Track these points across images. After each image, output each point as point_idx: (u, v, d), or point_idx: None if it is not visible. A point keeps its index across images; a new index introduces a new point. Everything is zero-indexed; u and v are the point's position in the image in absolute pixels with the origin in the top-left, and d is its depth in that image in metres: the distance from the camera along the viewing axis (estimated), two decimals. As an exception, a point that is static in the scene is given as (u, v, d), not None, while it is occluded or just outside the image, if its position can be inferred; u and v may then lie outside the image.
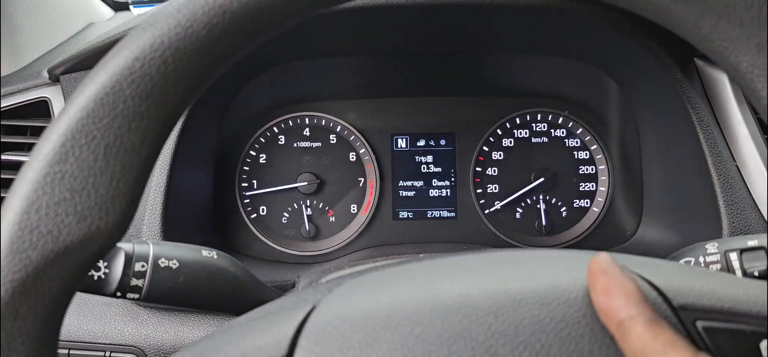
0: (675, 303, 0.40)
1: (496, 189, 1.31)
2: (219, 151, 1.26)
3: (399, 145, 1.33)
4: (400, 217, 1.32)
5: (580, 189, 1.31)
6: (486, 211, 1.31)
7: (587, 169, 1.31)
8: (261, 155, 1.31)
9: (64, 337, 0.90)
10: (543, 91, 1.31)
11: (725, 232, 0.93)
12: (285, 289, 0.98)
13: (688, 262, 0.76)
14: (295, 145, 1.31)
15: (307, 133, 1.32)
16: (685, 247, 0.78)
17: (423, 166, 1.33)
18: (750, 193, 0.94)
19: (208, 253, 0.75)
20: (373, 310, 0.41)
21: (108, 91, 0.38)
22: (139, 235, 0.98)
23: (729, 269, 0.72)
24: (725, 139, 0.97)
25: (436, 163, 1.33)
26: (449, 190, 1.33)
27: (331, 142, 1.32)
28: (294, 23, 0.41)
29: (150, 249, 0.71)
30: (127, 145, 0.38)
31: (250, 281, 0.79)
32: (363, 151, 1.31)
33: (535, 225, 1.30)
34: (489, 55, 1.23)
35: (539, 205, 1.30)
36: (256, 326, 0.44)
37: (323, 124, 1.32)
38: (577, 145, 1.31)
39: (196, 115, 1.07)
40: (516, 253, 0.50)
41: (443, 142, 1.33)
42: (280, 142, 1.31)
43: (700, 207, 1.00)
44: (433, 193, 1.33)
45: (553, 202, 1.30)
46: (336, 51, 1.19)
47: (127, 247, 0.70)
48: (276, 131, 1.31)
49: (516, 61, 1.26)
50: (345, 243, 1.29)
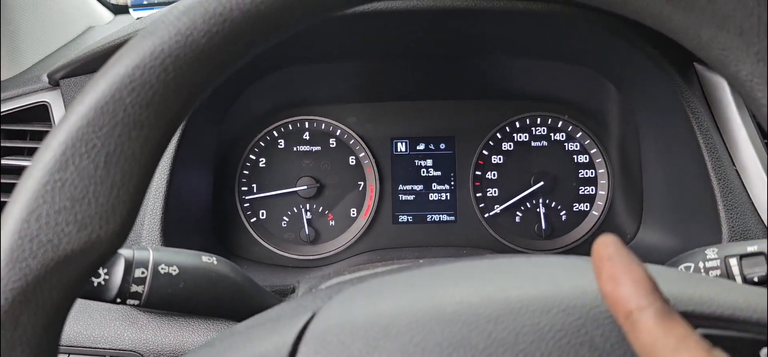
0: (675, 310, 0.40)
1: (495, 193, 1.32)
2: (219, 155, 1.26)
3: (399, 149, 1.33)
4: (399, 220, 1.32)
5: (579, 193, 1.31)
6: (486, 215, 1.31)
7: (587, 172, 1.31)
8: (261, 159, 1.31)
9: (64, 342, 0.90)
10: (542, 95, 1.31)
11: (725, 237, 0.93)
12: (285, 294, 0.98)
13: (687, 268, 0.76)
14: (295, 149, 1.31)
15: (307, 137, 1.32)
16: (685, 253, 0.78)
17: (423, 169, 1.33)
18: (750, 198, 0.94)
19: (208, 259, 0.75)
20: (373, 318, 0.41)
21: (108, 99, 0.38)
22: (139, 240, 0.98)
23: (729, 275, 0.72)
24: (725, 144, 0.97)
25: (435, 167, 1.33)
26: (449, 194, 1.33)
27: (331, 145, 1.32)
28: (294, 31, 0.41)
29: (150, 255, 0.71)
30: (128, 153, 0.38)
31: (250, 287, 0.79)
32: (363, 154, 1.31)
33: (535, 229, 1.30)
34: (488, 59, 1.23)
35: (539, 209, 1.30)
36: (256, 333, 0.44)
37: (323, 127, 1.32)
38: (577, 148, 1.31)
39: (196, 119, 1.07)
40: (516, 260, 0.50)
41: (443, 145, 1.33)
42: (279, 146, 1.31)
43: (699, 211, 1.00)
44: (433, 196, 1.33)
45: (553, 206, 1.31)
46: (336, 55, 1.19)
47: (127, 253, 0.70)
48: (276, 135, 1.31)
49: (515, 65, 1.26)
50: (345, 247, 1.29)
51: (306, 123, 1.32)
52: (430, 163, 1.33)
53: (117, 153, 0.38)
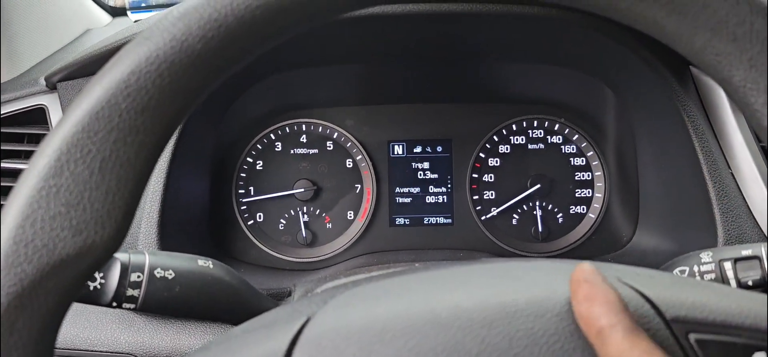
0: (667, 316, 0.40)
1: (492, 195, 1.32)
2: (216, 158, 1.26)
3: (396, 152, 1.33)
4: (396, 223, 1.32)
5: (576, 195, 1.31)
6: (482, 218, 1.31)
7: (583, 175, 1.31)
8: (258, 162, 1.31)
9: (59, 344, 0.90)
10: (539, 99, 1.31)
11: (720, 240, 0.93)
12: (281, 297, 0.98)
13: (682, 271, 0.76)
14: (292, 151, 1.31)
15: (304, 140, 1.32)
16: (680, 256, 0.79)
17: (420, 172, 1.33)
18: (745, 201, 0.94)
19: (204, 263, 0.75)
20: (368, 323, 0.41)
21: (103, 104, 0.38)
22: (136, 243, 0.98)
23: (723, 278, 0.72)
24: (720, 147, 0.98)
25: (432, 170, 1.33)
26: (446, 197, 1.33)
27: (328, 148, 1.32)
28: (288, 37, 0.41)
29: (146, 259, 0.71)
30: (123, 158, 0.38)
31: (246, 290, 0.79)
32: (360, 157, 1.31)
33: (532, 231, 1.30)
34: (485, 63, 1.24)
35: (536, 212, 1.30)
36: (250, 338, 0.44)
37: (320, 130, 1.32)
38: (574, 151, 1.31)
39: (193, 122, 1.07)
40: (510, 265, 0.50)
41: (440, 148, 1.33)
42: (276, 148, 1.31)
43: (695, 214, 1.00)
44: (430, 199, 1.33)
45: (550, 209, 1.31)
46: (333, 58, 1.19)
47: (123, 257, 0.70)
48: (273, 138, 1.31)
49: (512, 69, 1.26)
50: (342, 249, 1.29)
51: (303, 126, 1.32)
52: (427, 165, 1.33)
53: (112, 158, 0.38)
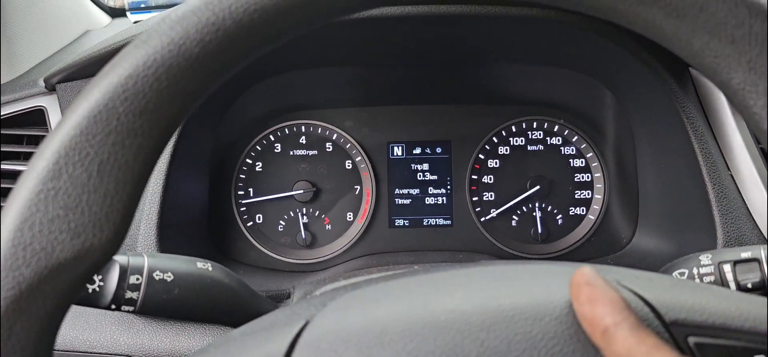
0: (667, 319, 0.40)
1: (492, 197, 1.32)
2: (215, 160, 1.26)
3: (395, 153, 1.33)
4: (396, 225, 1.32)
5: (575, 197, 1.31)
6: (482, 219, 1.31)
7: (583, 177, 1.31)
8: (257, 163, 1.31)
9: (58, 346, 0.90)
10: (539, 100, 1.31)
11: (720, 242, 0.93)
12: (280, 299, 0.98)
13: (681, 274, 0.76)
14: (292, 153, 1.31)
15: (303, 141, 1.32)
16: (679, 258, 0.79)
17: (419, 174, 1.33)
18: (745, 203, 0.94)
19: (202, 265, 0.75)
20: (367, 326, 0.41)
21: (101, 108, 0.38)
22: (135, 245, 0.98)
23: (723, 281, 0.72)
24: (720, 149, 0.98)
25: (432, 171, 1.33)
26: (445, 198, 1.33)
27: (328, 150, 1.32)
28: (287, 40, 0.41)
29: (145, 261, 0.71)
30: (121, 161, 0.38)
31: (245, 293, 0.79)
32: (359, 159, 1.31)
33: (531, 233, 1.30)
34: (485, 64, 1.24)
35: (535, 213, 1.30)
36: (249, 341, 0.44)
37: (319, 132, 1.32)
38: (573, 153, 1.31)
39: (192, 123, 1.07)
40: (509, 268, 0.50)
41: (439, 150, 1.33)
42: (276, 150, 1.31)
43: (695, 216, 1.00)
44: (429, 201, 1.33)
45: (549, 210, 1.31)
46: (332, 60, 1.19)
47: (122, 259, 0.70)
48: (272, 139, 1.31)
49: (512, 70, 1.26)
50: (341, 251, 1.29)
51: (302, 127, 1.32)
52: (426, 167, 1.33)
53: (110, 161, 0.38)
